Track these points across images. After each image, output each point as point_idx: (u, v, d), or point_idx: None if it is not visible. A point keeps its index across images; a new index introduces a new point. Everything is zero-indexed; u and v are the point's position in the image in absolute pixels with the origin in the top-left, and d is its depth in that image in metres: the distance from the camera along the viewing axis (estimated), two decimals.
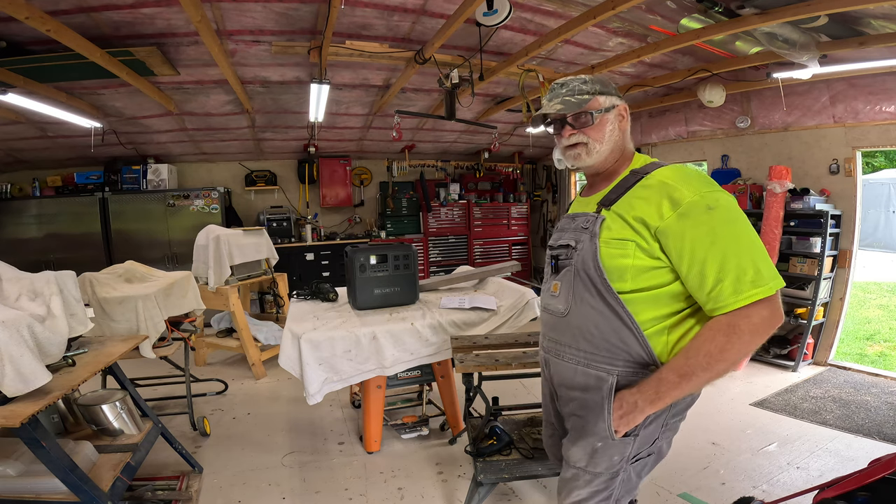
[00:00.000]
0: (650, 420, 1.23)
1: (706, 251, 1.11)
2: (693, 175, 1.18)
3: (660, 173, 1.21)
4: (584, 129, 1.30)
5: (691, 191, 1.14)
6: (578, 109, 1.29)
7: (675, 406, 1.25)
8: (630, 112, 1.40)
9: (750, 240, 1.12)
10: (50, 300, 1.86)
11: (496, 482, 2.22)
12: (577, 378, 1.31)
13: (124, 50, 3.28)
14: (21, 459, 1.81)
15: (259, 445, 3.02)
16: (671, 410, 1.25)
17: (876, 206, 9.64)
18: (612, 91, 1.33)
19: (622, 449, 1.25)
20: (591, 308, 1.25)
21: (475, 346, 2.43)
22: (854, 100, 3.94)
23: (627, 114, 1.35)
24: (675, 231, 1.13)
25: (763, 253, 1.11)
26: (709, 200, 1.13)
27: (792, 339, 4.27)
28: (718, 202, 1.13)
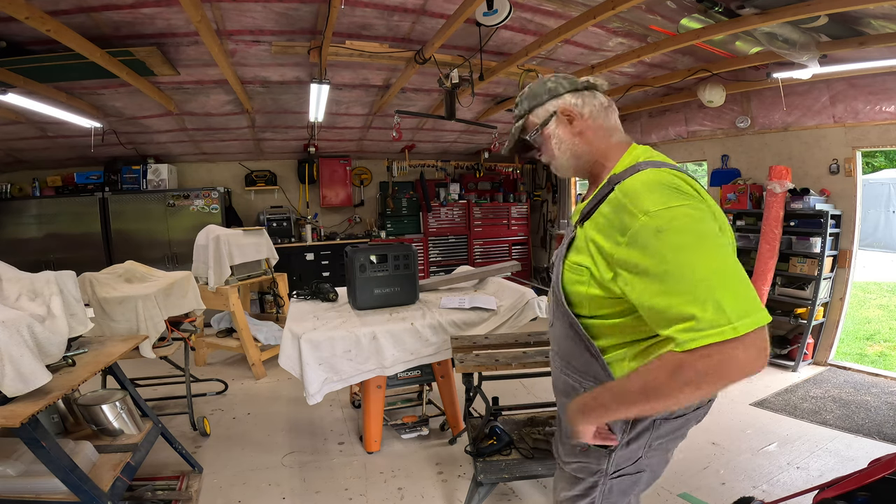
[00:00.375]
0: (629, 440, 1.17)
1: (657, 286, 0.93)
2: (656, 186, 0.99)
3: (624, 185, 1.04)
4: (540, 148, 1.26)
5: (643, 211, 0.96)
6: (516, 139, 1.28)
7: (658, 429, 1.17)
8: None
9: (709, 268, 0.90)
10: (50, 300, 1.86)
11: (496, 482, 2.22)
12: (559, 383, 1.30)
13: (124, 50, 3.28)
14: (21, 459, 1.81)
15: (259, 445, 3.02)
16: (653, 433, 1.17)
17: (876, 206, 9.64)
18: (545, 98, 1.23)
19: (598, 460, 1.21)
20: (561, 326, 1.21)
21: (475, 346, 2.44)
22: (854, 100, 3.94)
23: (576, 110, 1.20)
24: (624, 263, 0.98)
25: (729, 282, 0.90)
26: (659, 222, 0.94)
27: (792, 339, 4.27)
28: (671, 223, 0.93)
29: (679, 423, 1.19)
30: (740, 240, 4.51)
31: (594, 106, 1.21)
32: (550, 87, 1.23)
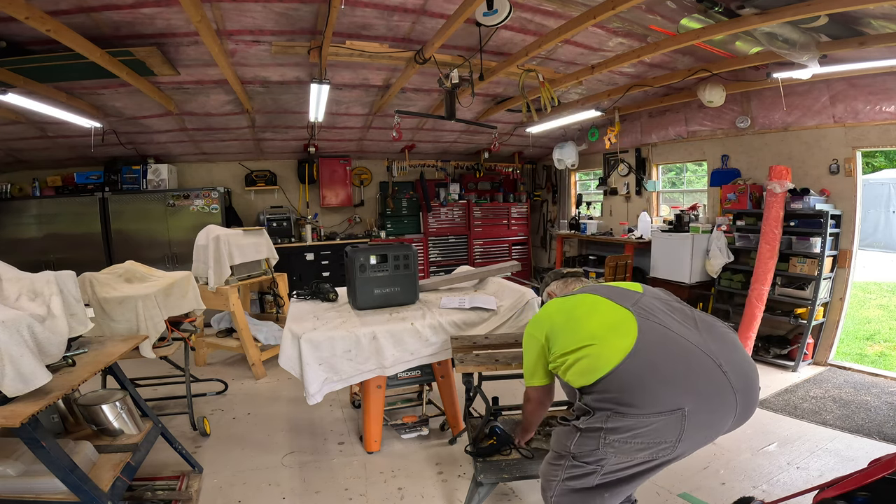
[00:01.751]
0: (587, 427, 1.54)
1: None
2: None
3: None
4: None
5: None
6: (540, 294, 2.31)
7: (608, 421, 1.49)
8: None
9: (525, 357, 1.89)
10: (50, 300, 1.86)
11: (496, 482, 2.22)
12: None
13: (124, 50, 3.29)
14: (21, 459, 1.81)
15: (259, 445, 3.02)
16: (607, 425, 1.50)
17: (876, 206, 9.64)
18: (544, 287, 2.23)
19: (567, 436, 1.62)
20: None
21: (475, 346, 2.44)
22: (854, 100, 3.94)
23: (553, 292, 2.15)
24: None
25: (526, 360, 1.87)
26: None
27: (792, 339, 4.27)
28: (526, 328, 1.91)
29: (628, 423, 1.46)
30: (740, 240, 4.52)
31: (560, 286, 2.14)
32: (547, 281, 2.22)
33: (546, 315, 1.83)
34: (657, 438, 1.46)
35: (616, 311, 1.67)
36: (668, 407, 1.43)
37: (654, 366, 1.50)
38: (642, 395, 1.46)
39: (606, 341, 1.57)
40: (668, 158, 5.78)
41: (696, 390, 1.46)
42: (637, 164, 6.06)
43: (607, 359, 1.53)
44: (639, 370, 1.49)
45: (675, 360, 1.50)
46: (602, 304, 1.72)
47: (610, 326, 1.62)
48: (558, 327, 1.73)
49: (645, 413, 1.44)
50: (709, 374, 1.48)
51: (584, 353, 1.60)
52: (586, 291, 1.86)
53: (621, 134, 5.73)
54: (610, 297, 1.74)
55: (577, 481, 1.61)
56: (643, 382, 1.47)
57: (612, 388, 1.50)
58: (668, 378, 1.47)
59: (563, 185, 7.52)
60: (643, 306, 1.66)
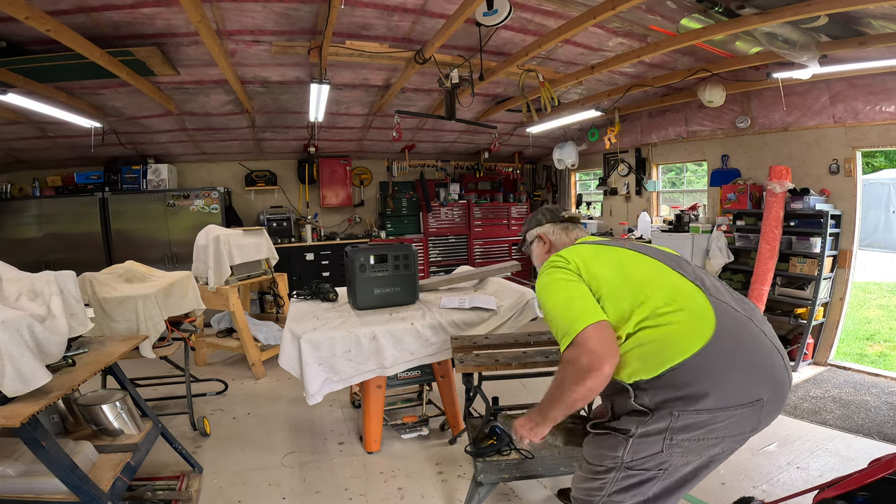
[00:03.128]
0: (645, 431, 1.32)
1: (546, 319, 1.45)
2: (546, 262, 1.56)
3: None
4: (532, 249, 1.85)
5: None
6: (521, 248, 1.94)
7: (678, 420, 1.28)
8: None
9: (554, 305, 1.40)
10: (50, 300, 1.85)
11: (496, 482, 2.22)
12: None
13: (124, 50, 3.28)
14: (21, 459, 1.81)
15: (259, 445, 3.02)
16: (673, 424, 1.29)
17: (876, 206, 9.64)
18: (533, 225, 1.84)
19: (614, 447, 1.38)
20: None
21: (475, 346, 2.43)
22: (854, 100, 3.93)
23: (546, 237, 1.78)
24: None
25: (562, 311, 1.37)
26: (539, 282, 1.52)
27: (792, 339, 4.27)
28: (541, 283, 1.50)
29: (701, 419, 1.28)
30: (740, 240, 4.51)
31: (558, 233, 1.77)
32: (538, 219, 1.83)
33: (576, 258, 1.46)
34: (733, 431, 1.31)
35: (683, 283, 1.38)
36: (749, 398, 1.28)
37: (733, 354, 1.29)
38: (721, 388, 1.26)
39: (679, 319, 1.30)
40: (668, 158, 5.77)
41: (770, 377, 1.32)
42: (637, 164, 6.06)
43: (684, 344, 1.28)
44: (718, 359, 1.27)
45: (751, 346, 1.33)
46: (663, 271, 1.41)
47: (681, 299, 1.34)
48: (607, 280, 1.38)
49: (722, 407, 1.27)
50: (772, 358, 1.35)
51: (649, 334, 1.31)
52: (623, 246, 1.53)
53: (621, 134, 5.73)
54: (660, 259, 1.45)
55: (630, 492, 1.39)
56: (722, 373, 1.27)
57: (682, 381, 1.27)
58: (746, 366, 1.30)
59: (563, 185, 7.52)
60: (702, 281, 1.41)
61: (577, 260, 1.45)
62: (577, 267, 1.43)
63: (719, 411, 1.28)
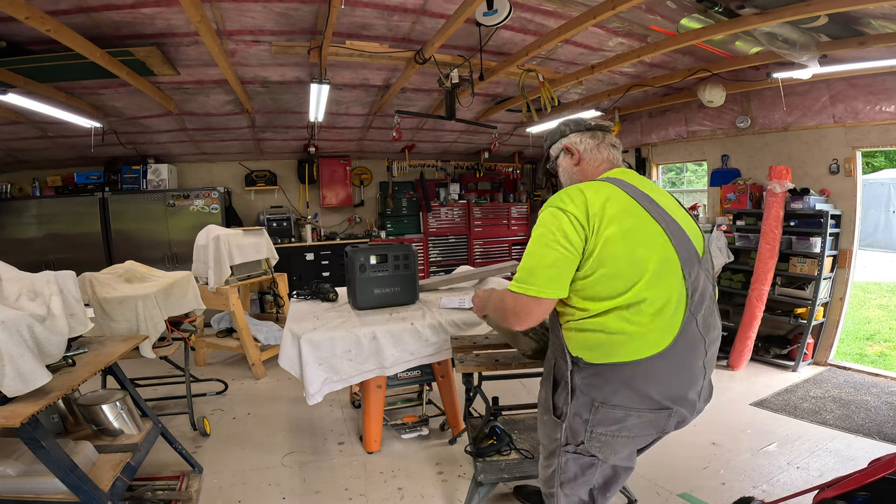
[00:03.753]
0: (573, 412, 1.41)
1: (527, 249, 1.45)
2: (556, 193, 1.45)
3: None
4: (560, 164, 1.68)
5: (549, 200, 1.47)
6: (544, 168, 1.75)
7: (597, 413, 1.37)
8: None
9: (534, 250, 1.40)
10: (50, 300, 1.86)
11: (496, 482, 2.22)
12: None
13: (124, 50, 3.28)
14: (21, 459, 1.81)
15: (259, 445, 3.02)
16: (593, 417, 1.38)
17: (876, 206, 9.64)
18: (556, 137, 1.66)
19: (554, 430, 1.48)
20: None
21: (475, 346, 2.43)
22: (854, 100, 3.93)
23: (574, 147, 1.60)
24: None
25: (535, 261, 1.38)
26: (540, 213, 1.46)
27: (792, 339, 4.27)
28: (539, 216, 1.44)
29: (618, 415, 1.36)
30: (740, 240, 4.52)
31: (589, 144, 1.60)
32: (561, 129, 1.66)
33: (599, 207, 1.33)
34: (642, 432, 1.38)
35: (678, 287, 1.34)
36: (661, 406, 1.35)
37: (666, 368, 1.34)
38: (640, 392, 1.33)
39: (644, 327, 1.31)
40: (668, 158, 5.77)
41: (684, 396, 1.38)
42: (637, 164, 6.06)
43: (633, 349, 1.31)
44: (652, 370, 1.32)
45: (685, 366, 1.37)
46: (670, 266, 1.34)
47: (662, 308, 1.32)
48: (615, 256, 1.31)
49: (637, 408, 1.34)
50: (696, 380, 1.41)
51: (609, 326, 1.32)
52: (657, 219, 1.37)
53: (621, 134, 5.73)
54: (680, 254, 1.36)
55: (580, 479, 1.48)
56: (648, 381, 1.33)
57: (613, 377, 1.33)
58: (671, 381, 1.36)
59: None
60: (698, 290, 1.37)
61: (597, 209, 1.33)
62: (593, 220, 1.32)
63: (633, 411, 1.35)
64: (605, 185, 1.41)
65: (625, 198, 1.37)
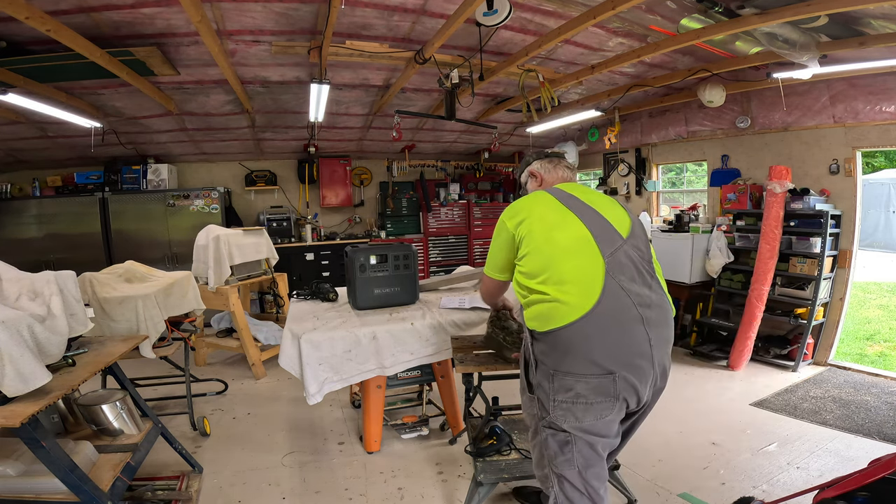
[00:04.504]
0: (537, 382, 1.63)
1: None
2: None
3: None
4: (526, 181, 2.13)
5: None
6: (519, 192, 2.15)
7: (554, 381, 1.57)
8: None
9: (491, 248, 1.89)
10: (50, 300, 1.85)
11: (496, 482, 2.22)
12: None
13: (124, 50, 3.28)
14: (21, 459, 1.81)
15: (259, 445, 3.02)
16: (553, 384, 1.57)
17: (876, 206, 9.64)
18: (524, 167, 2.12)
19: (531, 404, 1.68)
20: None
21: (475, 346, 2.43)
22: (854, 100, 3.93)
23: (537, 172, 2.05)
24: None
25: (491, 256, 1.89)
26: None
27: (792, 339, 4.27)
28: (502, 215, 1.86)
29: (569, 382, 1.54)
30: (740, 240, 4.52)
31: (547, 167, 2.04)
32: (527, 160, 2.12)
33: (528, 209, 1.77)
34: (597, 398, 1.53)
35: (593, 257, 1.61)
36: (601, 371, 1.51)
37: (601, 330, 1.52)
38: (581, 357, 1.52)
39: (569, 292, 1.56)
40: (668, 158, 5.77)
41: (624, 356, 1.53)
42: (637, 164, 6.06)
43: (563, 314, 1.55)
44: (587, 330, 1.52)
45: (619, 326, 1.54)
46: (584, 242, 1.64)
47: (580, 274, 1.59)
48: (535, 239, 1.69)
49: (582, 374, 1.52)
50: (638, 342, 1.55)
51: (545, 294, 1.60)
52: (574, 211, 1.71)
53: (621, 134, 5.73)
54: (594, 232, 1.65)
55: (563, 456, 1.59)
56: (585, 343, 1.52)
57: (559, 344, 1.55)
58: (607, 343, 1.52)
59: None
60: (618, 260, 1.61)
61: (526, 211, 1.76)
62: (523, 218, 1.74)
63: (580, 377, 1.53)
64: (540, 193, 1.84)
65: (550, 199, 1.76)
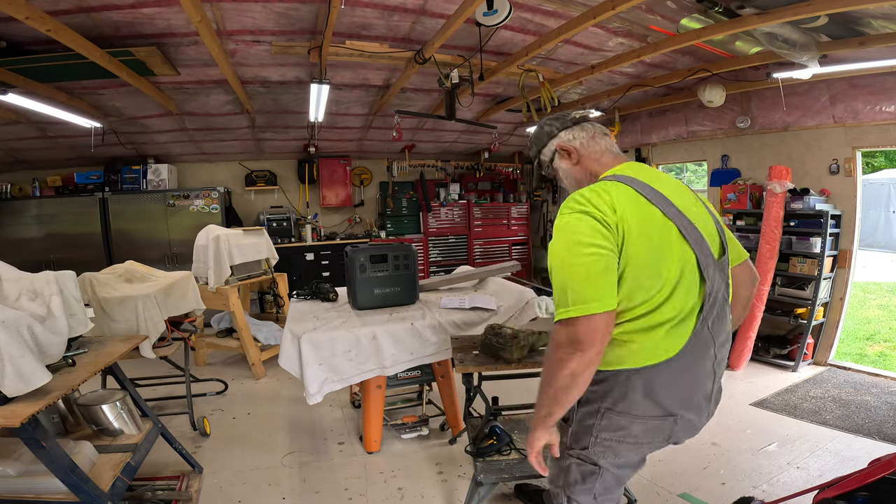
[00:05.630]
0: (579, 418, 1.36)
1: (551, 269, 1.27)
2: (570, 197, 1.29)
3: None
4: (555, 177, 1.57)
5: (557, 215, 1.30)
6: (538, 174, 1.61)
7: (602, 419, 1.32)
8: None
9: (564, 262, 1.22)
10: (50, 300, 1.85)
11: (496, 482, 2.22)
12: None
13: (124, 50, 3.28)
14: (21, 459, 1.81)
15: (259, 445, 3.02)
16: (599, 422, 1.32)
17: (876, 206, 9.64)
18: (545, 140, 1.52)
19: (563, 433, 1.41)
20: None
21: (475, 346, 2.44)
22: (854, 100, 3.93)
23: (569, 145, 1.47)
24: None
25: (572, 275, 1.20)
26: (556, 223, 1.28)
27: (792, 339, 4.27)
28: (558, 226, 1.27)
29: (623, 422, 1.30)
30: (740, 240, 4.48)
31: (583, 138, 1.47)
32: (548, 131, 1.51)
33: (621, 214, 1.21)
34: (648, 439, 1.33)
35: (690, 294, 1.26)
36: (665, 413, 1.30)
37: (672, 376, 1.27)
38: (644, 401, 1.28)
39: (654, 336, 1.24)
40: (668, 158, 5.77)
41: (690, 400, 1.32)
42: None
43: (639, 358, 1.25)
44: (658, 377, 1.26)
45: (691, 372, 1.30)
46: (689, 273, 1.25)
47: (672, 314, 1.24)
48: (638, 266, 1.21)
49: (641, 416, 1.29)
50: (704, 385, 1.34)
51: (623, 333, 1.24)
52: (675, 221, 1.26)
53: (621, 134, 5.73)
54: (699, 259, 1.26)
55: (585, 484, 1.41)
56: (651, 389, 1.27)
57: (618, 384, 1.28)
58: (677, 387, 1.29)
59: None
60: (713, 299, 1.29)
61: (621, 210, 1.21)
62: (618, 221, 1.20)
63: (638, 418, 1.29)
64: (618, 186, 1.26)
65: (642, 202, 1.25)
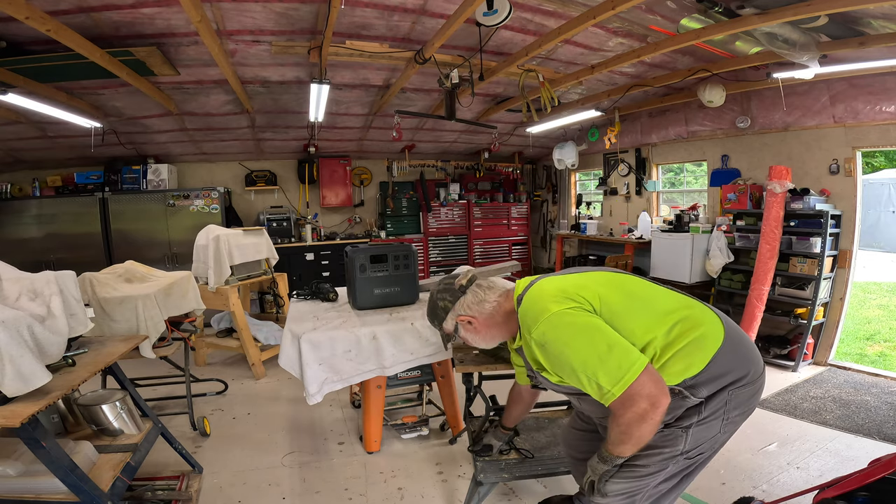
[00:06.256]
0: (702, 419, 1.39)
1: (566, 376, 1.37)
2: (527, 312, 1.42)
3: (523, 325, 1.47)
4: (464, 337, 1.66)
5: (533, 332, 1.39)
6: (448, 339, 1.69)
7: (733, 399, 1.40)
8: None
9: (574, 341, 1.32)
10: (50, 300, 1.85)
11: (496, 482, 2.22)
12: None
13: (124, 50, 3.28)
14: (21, 459, 1.81)
15: (259, 445, 3.02)
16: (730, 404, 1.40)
17: (876, 206, 9.63)
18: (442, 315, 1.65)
19: (674, 441, 1.41)
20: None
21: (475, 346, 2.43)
22: (854, 100, 3.93)
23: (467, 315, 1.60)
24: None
25: (592, 352, 1.29)
26: (536, 340, 1.38)
27: (792, 340, 4.27)
28: (545, 337, 1.36)
29: (747, 392, 1.41)
30: (740, 240, 4.51)
31: (474, 301, 1.60)
32: (442, 306, 1.64)
33: (581, 289, 1.40)
34: (756, 401, 1.47)
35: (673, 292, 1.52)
36: (760, 369, 1.45)
37: (737, 341, 1.43)
38: (746, 365, 1.41)
39: (698, 318, 1.40)
40: (668, 158, 5.77)
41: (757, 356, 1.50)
42: (637, 164, 6.06)
43: (713, 337, 1.38)
44: (735, 345, 1.41)
45: (738, 334, 1.48)
46: (651, 287, 1.52)
47: (686, 304, 1.46)
48: (614, 303, 1.39)
49: (753, 380, 1.42)
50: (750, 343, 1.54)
51: (683, 335, 1.35)
52: (594, 269, 1.62)
53: (621, 134, 5.73)
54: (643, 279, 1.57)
55: (672, 481, 1.49)
56: (743, 354, 1.42)
57: (725, 367, 1.36)
58: (748, 349, 1.46)
59: (563, 185, 7.52)
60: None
61: (583, 292, 1.39)
62: (590, 298, 1.38)
63: (756, 382, 1.43)
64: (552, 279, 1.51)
65: (573, 276, 1.53)
